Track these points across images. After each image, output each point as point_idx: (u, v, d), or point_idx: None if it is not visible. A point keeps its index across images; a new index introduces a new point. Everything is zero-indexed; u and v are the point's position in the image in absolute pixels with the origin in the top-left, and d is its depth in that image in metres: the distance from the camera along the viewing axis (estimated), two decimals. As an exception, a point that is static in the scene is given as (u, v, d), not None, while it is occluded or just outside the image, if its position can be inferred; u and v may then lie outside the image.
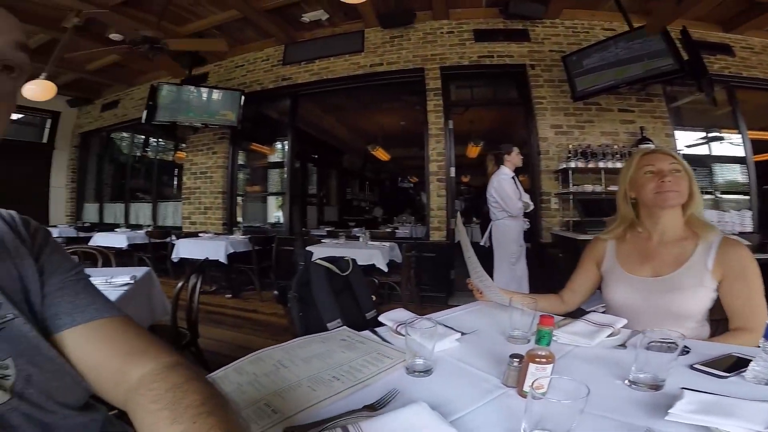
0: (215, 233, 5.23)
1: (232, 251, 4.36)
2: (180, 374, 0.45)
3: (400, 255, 3.93)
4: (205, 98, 5.17)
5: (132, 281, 1.65)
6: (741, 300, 1.10)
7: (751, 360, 0.80)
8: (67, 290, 0.51)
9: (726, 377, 0.77)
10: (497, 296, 1.23)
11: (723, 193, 4.50)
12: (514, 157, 3.59)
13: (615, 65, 3.75)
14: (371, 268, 3.52)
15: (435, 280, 4.31)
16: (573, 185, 3.95)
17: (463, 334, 1.02)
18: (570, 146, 4.01)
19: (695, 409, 0.60)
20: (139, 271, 1.86)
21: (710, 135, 5.09)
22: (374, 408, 0.63)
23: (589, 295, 1.42)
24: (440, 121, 4.41)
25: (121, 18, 3.40)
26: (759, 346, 0.77)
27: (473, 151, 7.70)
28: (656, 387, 0.73)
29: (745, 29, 4.31)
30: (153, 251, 5.14)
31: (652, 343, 0.76)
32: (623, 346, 0.99)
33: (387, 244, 3.98)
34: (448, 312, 1.31)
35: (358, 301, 1.57)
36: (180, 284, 1.74)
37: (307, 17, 4.63)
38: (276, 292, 1.55)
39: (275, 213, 6.72)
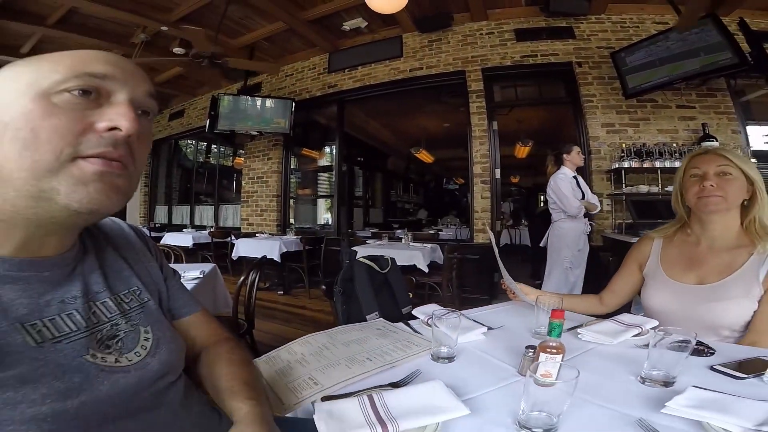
0: (270, 234, 5.60)
1: (285, 250, 4.66)
2: (239, 347, 0.73)
3: (442, 256, 3.98)
4: (259, 107, 5.55)
5: (201, 275, 1.90)
6: None
7: (770, 362, 0.80)
8: (179, 291, 0.73)
9: (743, 378, 0.78)
10: (523, 296, 1.27)
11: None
12: (574, 157, 3.44)
13: (668, 60, 3.54)
14: (412, 269, 3.62)
15: (477, 283, 4.31)
16: (626, 186, 3.78)
17: (489, 328, 1.09)
18: (623, 145, 3.83)
19: (692, 404, 0.63)
20: (207, 267, 2.12)
21: None
22: (398, 385, 0.74)
23: (630, 298, 1.39)
24: (483, 122, 4.40)
25: (194, 31, 3.79)
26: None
27: (522, 151, 7.52)
28: (667, 384, 0.76)
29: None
30: (215, 250, 5.62)
31: (670, 342, 0.79)
32: (647, 346, 1.01)
33: (429, 245, 4.06)
34: (481, 309, 1.39)
35: (396, 296, 1.69)
36: (242, 279, 1.96)
37: (347, 26, 4.83)
38: (323, 287, 1.71)
39: (324, 215, 7.03)
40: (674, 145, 3.74)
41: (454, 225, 7.55)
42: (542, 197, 11.86)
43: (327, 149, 6.60)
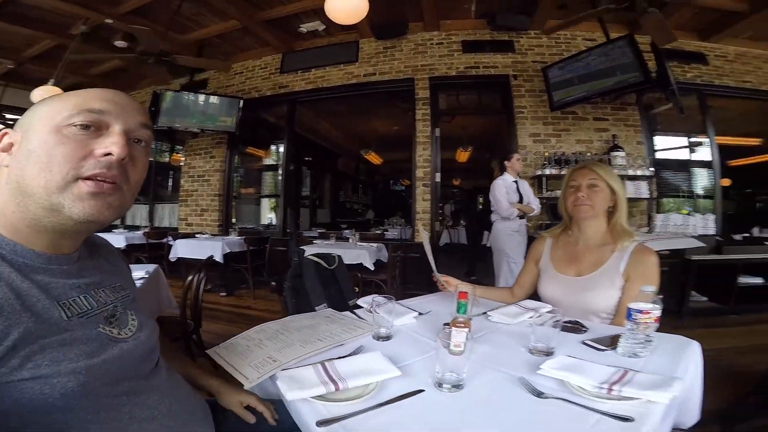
0: (211, 234, 5.45)
1: (227, 251, 4.59)
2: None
3: (387, 255, 4.19)
4: (204, 104, 5.39)
5: (147, 275, 1.91)
6: (630, 298, 1.26)
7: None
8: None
9: (604, 350, 1.01)
10: (449, 287, 1.49)
11: (696, 197, 4.81)
12: (514, 163, 3.74)
13: (589, 77, 3.96)
14: (359, 267, 3.78)
15: (419, 279, 4.58)
16: (547, 191, 4.25)
17: (420, 313, 1.29)
18: (546, 154, 4.30)
19: (558, 367, 0.82)
20: (150, 268, 2.12)
21: (692, 140, 5.43)
22: (344, 358, 0.90)
23: (534, 289, 1.62)
24: (427, 128, 4.67)
25: (143, 30, 3.62)
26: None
27: (463, 155, 7.99)
28: (548, 353, 0.97)
29: (721, 38, 4.55)
30: (150, 251, 5.35)
31: (547, 322, 1.00)
32: (542, 325, 1.26)
33: (375, 244, 4.24)
34: (415, 299, 1.59)
35: (343, 290, 1.84)
36: (189, 279, 1.99)
37: (304, 28, 4.85)
38: (273, 283, 1.81)
39: (268, 214, 6.93)
40: (589, 154, 4.28)
41: (400, 225, 7.82)
42: (481, 199, 12.69)
43: (274, 148, 6.54)
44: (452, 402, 0.75)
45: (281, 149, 6.02)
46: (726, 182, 7.92)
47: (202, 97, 5.42)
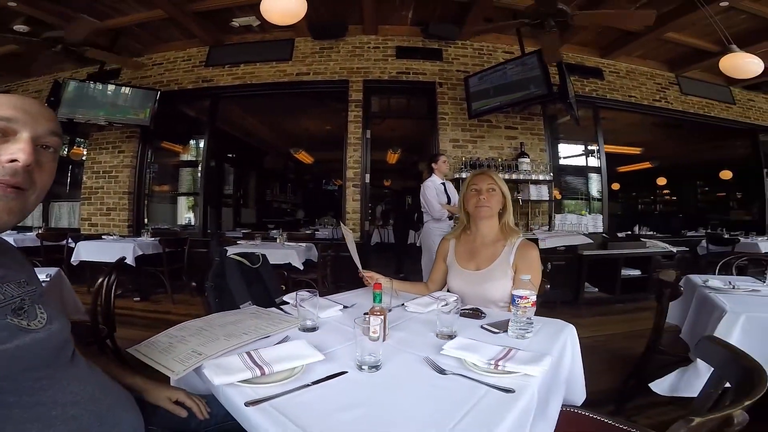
0: (120, 235, 4.96)
1: (140, 253, 4.24)
2: None
3: (318, 254, 4.20)
4: (113, 95, 4.93)
5: (48, 279, 1.73)
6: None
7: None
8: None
9: (497, 333, 1.16)
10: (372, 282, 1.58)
11: (590, 199, 5.50)
12: (441, 166, 3.89)
13: (503, 88, 4.34)
14: (288, 267, 3.75)
15: (351, 278, 4.64)
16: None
17: (345, 306, 1.38)
18: (464, 158, 4.65)
19: (456, 347, 0.95)
20: (51, 271, 1.92)
21: (588, 148, 6.23)
22: (271, 347, 0.95)
23: (444, 284, 1.78)
24: (359, 130, 4.77)
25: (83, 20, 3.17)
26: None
27: (393, 157, 8.23)
28: (452, 336, 1.10)
29: (617, 55, 5.23)
30: (45, 254, 4.70)
31: (450, 310, 1.13)
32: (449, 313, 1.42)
33: (304, 244, 4.22)
34: (342, 294, 1.67)
35: (269, 290, 1.85)
36: (100, 281, 1.85)
37: (237, 22, 4.66)
38: (194, 284, 1.74)
39: (186, 214, 6.50)
40: (500, 159, 4.71)
41: (331, 225, 7.82)
42: (409, 199, 13.14)
43: (193, 143, 6.14)
44: (371, 380, 0.84)
45: (201, 145, 5.70)
46: (615, 186, 9.25)
47: (112, 88, 4.96)
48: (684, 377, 1.58)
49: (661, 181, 10.56)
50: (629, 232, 6.05)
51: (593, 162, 5.77)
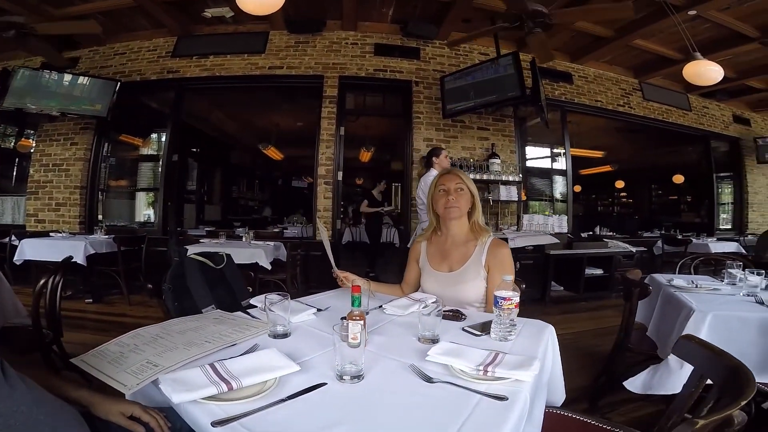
0: (70, 233, 4.59)
1: (92, 252, 3.95)
2: None
3: (286, 254, 4.06)
4: (68, 85, 4.58)
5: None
6: (494, 286, 1.43)
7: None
8: None
9: (480, 335, 1.13)
10: (347, 283, 1.51)
11: (555, 201, 5.63)
12: (442, 160, 3.73)
13: (478, 88, 4.35)
14: (255, 267, 3.59)
15: (322, 278, 4.52)
16: (438, 193, 4.59)
17: (319, 309, 1.29)
18: (436, 158, 4.65)
19: (442, 352, 0.90)
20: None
21: (554, 151, 6.39)
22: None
23: (418, 285, 1.72)
24: (332, 127, 4.64)
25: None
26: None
27: (366, 155, 8.14)
28: (435, 340, 1.05)
29: (586, 60, 5.36)
30: (-17, 253, 4.28)
31: (430, 312, 1.08)
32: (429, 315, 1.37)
33: (271, 243, 4.06)
34: (314, 296, 1.58)
35: (234, 292, 1.72)
36: (42, 282, 1.68)
37: (210, 13, 4.43)
38: (150, 286, 1.58)
39: (144, 210, 6.14)
40: (472, 160, 4.74)
41: (300, 224, 7.64)
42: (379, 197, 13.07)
43: (154, 136, 5.79)
44: (353, 392, 0.77)
45: (163, 138, 5.38)
46: (577, 188, 9.62)
47: (68, 77, 4.61)
48: (656, 375, 1.61)
49: (619, 184, 11.08)
50: (590, 233, 6.28)
51: (559, 164, 5.95)
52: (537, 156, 5.95)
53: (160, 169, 5.34)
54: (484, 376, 0.82)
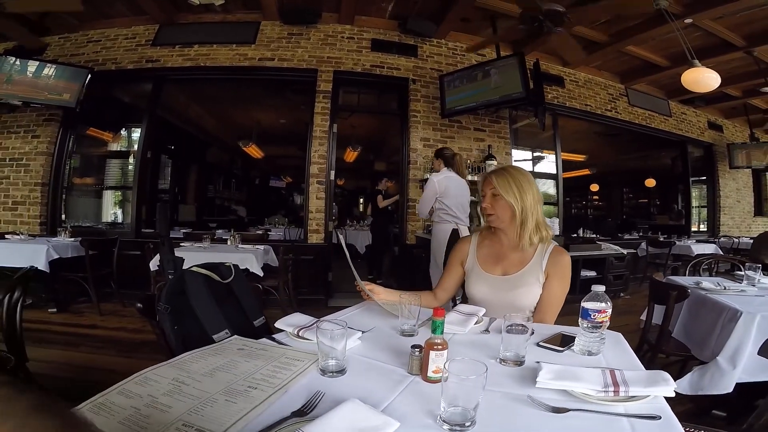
0: (30, 235, 4.14)
1: (56, 257, 3.56)
2: None
3: (276, 258, 3.80)
4: (32, 73, 4.18)
5: None
6: (550, 294, 1.39)
7: (574, 336, 1.07)
8: None
9: (562, 351, 1.02)
10: (375, 297, 1.33)
11: (544, 203, 5.67)
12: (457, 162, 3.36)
13: (479, 89, 4.27)
14: (245, 273, 3.31)
15: (313, 283, 4.31)
16: (435, 194, 4.45)
17: (363, 332, 1.09)
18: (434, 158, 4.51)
19: (553, 377, 0.79)
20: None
21: (535, 154, 6.40)
22: (303, 413, 0.64)
23: (456, 291, 1.63)
24: (326, 123, 4.42)
25: None
26: (579, 326, 1.04)
27: (351, 155, 7.91)
28: (519, 363, 0.92)
29: (577, 64, 5.35)
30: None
31: (510, 327, 0.95)
32: (487, 331, 1.20)
33: (261, 247, 3.79)
34: (341, 313, 1.36)
35: (244, 308, 1.48)
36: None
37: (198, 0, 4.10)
38: (139, 305, 1.31)
39: (112, 210, 5.72)
40: (469, 161, 4.63)
41: (282, 225, 7.32)
42: (361, 200, 12.88)
43: (125, 132, 5.38)
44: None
45: (136, 134, 5.03)
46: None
47: (33, 65, 4.20)
48: (707, 376, 1.63)
49: (594, 187, 11.37)
50: (574, 235, 6.33)
51: (546, 167, 5.96)
52: (522, 158, 5.94)
53: (130, 166, 4.97)
54: (615, 397, 0.74)
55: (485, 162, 4.66)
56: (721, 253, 5.69)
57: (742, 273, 2.26)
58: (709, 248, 5.76)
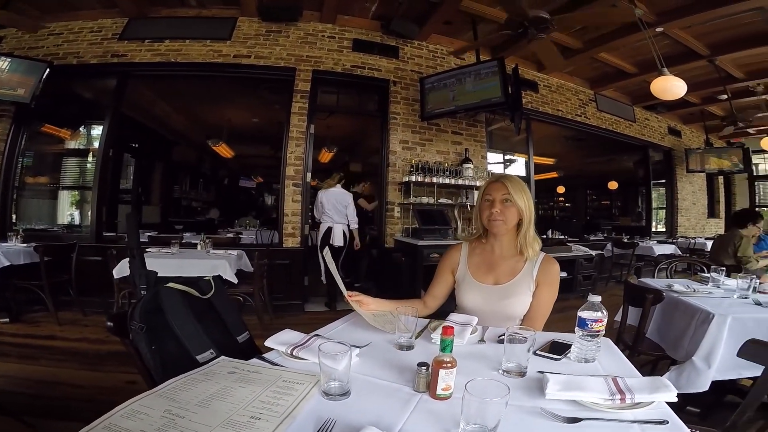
0: (-25, 239, 3.81)
1: (6, 264, 3.34)
2: None
3: (249, 263, 3.67)
4: None
5: None
6: (540, 303, 1.41)
7: (567, 343, 1.09)
8: None
9: (559, 359, 1.03)
10: (361, 311, 1.29)
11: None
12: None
13: (460, 92, 4.30)
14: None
15: (289, 288, 4.19)
16: (413, 197, 4.46)
17: (359, 348, 1.04)
18: (413, 161, 4.51)
19: (561, 388, 0.79)
20: None
21: (507, 157, 6.56)
22: (315, 445, 0.60)
23: (446, 299, 1.60)
24: (303, 124, 4.31)
25: None
26: (575, 333, 1.05)
27: (326, 156, 7.80)
28: (522, 374, 0.92)
29: (551, 70, 5.47)
30: None
31: (511, 337, 0.94)
32: (483, 341, 1.19)
33: (234, 252, 3.65)
34: (333, 326, 1.31)
35: (227, 324, 1.40)
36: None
37: None
38: (110, 324, 1.20)
39: (68, 211, 5.40)
40: (446, 164, 4.66)
41: (254, 227, 7.11)
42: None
43: (84, 129, 5.08)
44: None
45: (97, 131, 4.78)
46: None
47: None
48: (683, 375, 1.71)
49: (561, 189, 11.81)
50: (544, 236, 6.52)
51: (520, 170, 6.12)
52: (496, 161, 6.07)
53: (89, 165, 4.70)
54: (622, 405, 0.77)
55: (462, 165, 4.70)
56: (680, 252, 6.05)
57: (707, 275, 2.40)
58: (669, 248, 6.11)
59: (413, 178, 4.36)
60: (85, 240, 4.19)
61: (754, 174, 8.59)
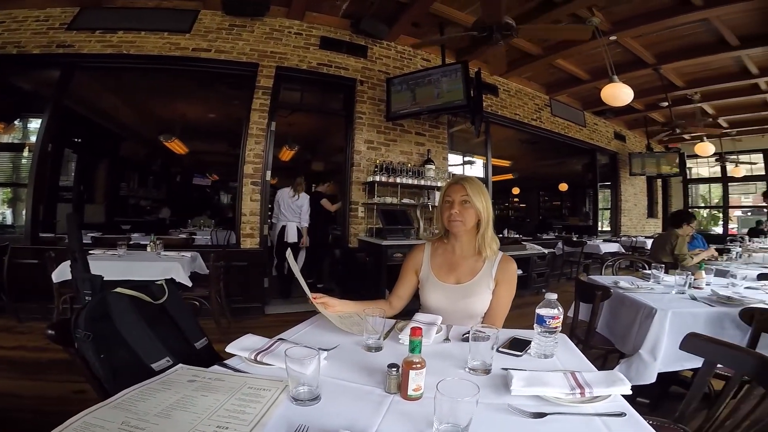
0: None
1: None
2: None
3: (204, 266, 3.51)
4: None
5: None
6: (499, 300, 1.46)
7: (526, 340, 1.14)
8: None
9: (520, 355, 1.07)
10: (326, 313, 1.28)
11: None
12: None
13: (424, 94, 4.35)
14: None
15: (248, 291, 4.04)
16: (377, 196, 4.47)
17: (327, 351, 1.03)
18: (377, 161, 4.52)
19: (525, 384, 0.82)
20: None
21: (466, 159, 6.74)
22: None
23: (410, 299, 1.61)
24: (264, 121, 4.16)
25: None
26: (534, 330, 1.10)
27: (287, 154, 7.63)
28: (487, 371, 0.95)
29: (511, 75, 5.68)
30: None
31: (475, 335, 0.97)
32: (447, 339, 1.22)
33: (188, 254, 3.46)
34: (297, 329, 1.28)
35: (183, 330, 1.34)
36: None
37: None
38: (50, 332, 1.09)
39: (0, 210, 5.03)
40: (409, 165, 4.70)
41: (209, 227, 6.81)
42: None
43: (20, 122, 4.66)
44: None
45: (34, 124, 4.47)
46: (484, 194, 10.48)
47: None
48: (632, 368, 1.79)
49: (516, 190, 12.36)
50: (500, 236, 6.74)
51: (478, 171, 6.31)
52: (455, 163, 6.22)
53: (24, 161, 4.34)
54: (582, 398, 0.81)
55: (424, 166, 4.76)
56: (623, 250, 6.52)
57: (649, 272, 2.59)
58: (614, 247, 6.55)
59: (377, 178, 4.36)
60: (19, 241, 3.85)
61: (688, 177, 9.45)
